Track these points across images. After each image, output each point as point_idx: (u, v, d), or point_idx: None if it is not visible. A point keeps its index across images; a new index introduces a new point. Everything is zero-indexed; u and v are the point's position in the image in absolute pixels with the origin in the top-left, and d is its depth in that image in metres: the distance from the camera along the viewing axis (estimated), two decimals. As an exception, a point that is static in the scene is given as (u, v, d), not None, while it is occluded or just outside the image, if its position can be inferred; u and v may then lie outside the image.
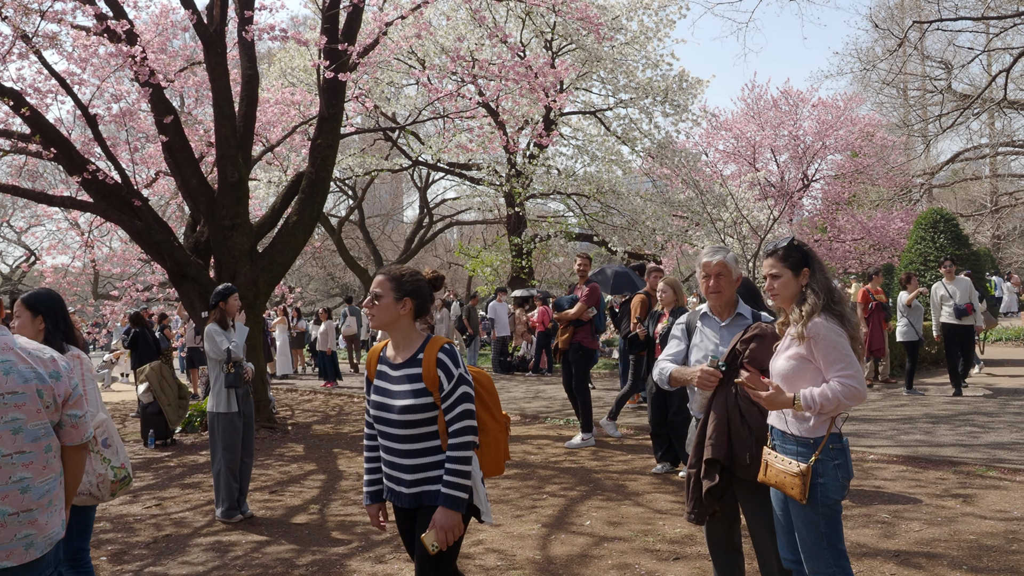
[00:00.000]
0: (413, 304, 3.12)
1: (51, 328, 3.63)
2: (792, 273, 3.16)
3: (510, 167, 17.88)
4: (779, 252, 3.21)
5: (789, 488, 3.00)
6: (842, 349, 3.01)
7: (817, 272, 3.17)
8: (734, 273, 3.68)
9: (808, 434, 3.05)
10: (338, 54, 10.04)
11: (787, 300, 3.18)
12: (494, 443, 3.26)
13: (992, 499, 5.67)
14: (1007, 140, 27.40)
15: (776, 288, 3.18)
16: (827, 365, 3.03)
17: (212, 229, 10.39)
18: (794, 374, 3.09)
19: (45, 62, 9.90)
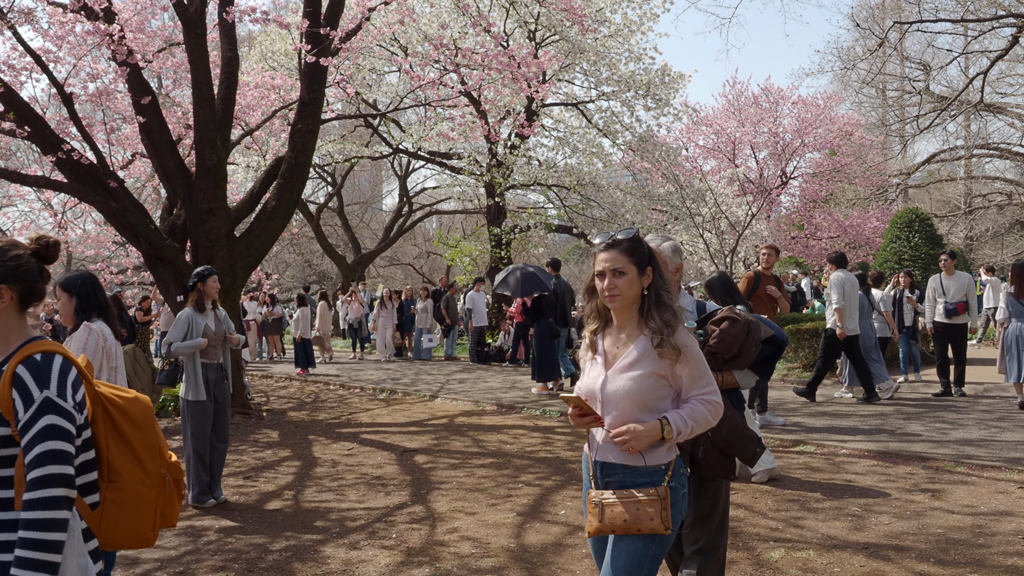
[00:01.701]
0: (14, 292, 2.18)
1: (79, 305, 4.21)
2: (637, 271, 2.66)
3: (491, 157, 17.85)
4: (624, 244, 2.69)
5: (646, 522, 2.53)
6: (704, 364, 2.68)
7: (661, 273, 2.75)
8: (672, 263, 3.35)
9: (660, 460, 2.64)
10: (320, 38, 9.95)
11: (628, 304, 2.67)
12: (132, 503, 2.30)
13: (960, 494, 5.76)
14: (982, 142, 27.76)
15: (618, 288, 2.64)
16: (692, 382, 2.65)
17: (189, 212, 10.28)
18: (648, 397, 2.62)
19: (20, 38, 9.72)
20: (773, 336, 3.34)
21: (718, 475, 3.21)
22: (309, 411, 11.14)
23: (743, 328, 3.18)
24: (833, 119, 23.79)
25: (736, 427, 3.19)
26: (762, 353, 3.32)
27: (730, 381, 3.27)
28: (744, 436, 3.20)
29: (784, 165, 23.38)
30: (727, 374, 3.24)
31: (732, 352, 3.18)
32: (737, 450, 3.20)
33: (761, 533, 5.02)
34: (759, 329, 3.27)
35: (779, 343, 3.38)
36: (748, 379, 3.36)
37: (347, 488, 6.65)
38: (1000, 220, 29.74)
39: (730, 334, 3.19)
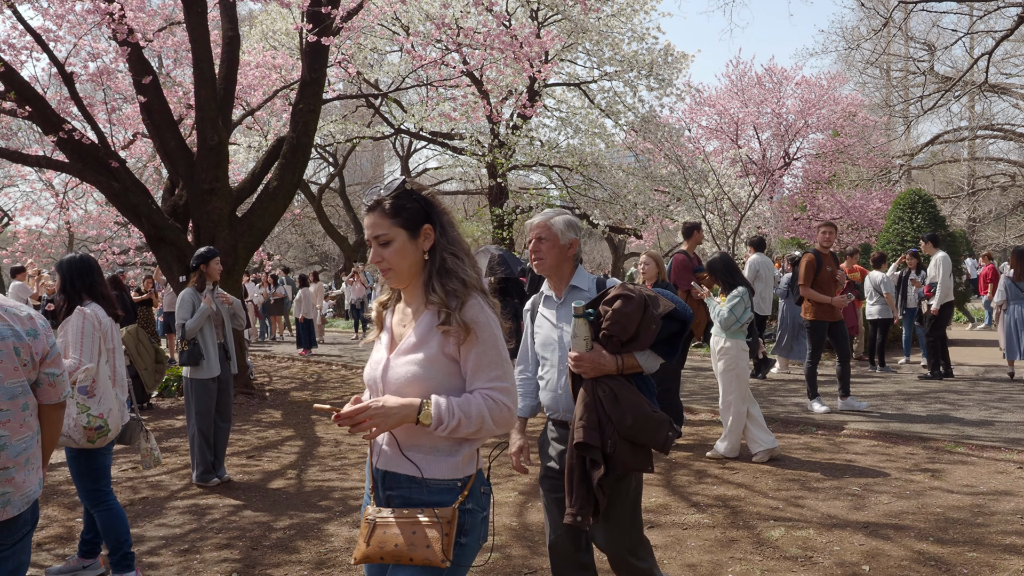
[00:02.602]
0: None
1: (62, 287, 4.24)
2: (407, 234, 2.18)
3: (493, 137, 17.78)
4: (385, 205, 2.21)
5: (420, 549, 2.05)
6: (502, 349, 2.17)
7: (448, 230, 2.24)
8: (563, 237, 3.12)
9: (452, 473, 2.14)
10: (321, 17, 9.89)
11: (406, 275, 2.21)
12: None
13: (959, 474, 5.79)
14: (986, 123, 27.64)
15: (386, 259, 2.19)
16: (478, 369, 2.13)
17: (191, 193, 10.27)
18: (440, 385, 2.14)
19: (20, 17, 9.67)
20: (674, 311, 2.96)
21: (632, 468, 2.90)
22: (312, 391, 11.18)
23: (638, 305, 2.85)
24: (837, 100, 23.63)
25: (643, 413, 2.86)
26: (664, 331, 2.95)
27: (632, 364, 2.93)
28: (653, 421, 2.86)
29: (787, 146, 23.25)
30: (627, 357, 2.91)
31: (628, 333, 2.85)
32: (646, 436, 2.86)
33: (762, 512, 5.05)
34: (657, 304, 2.93)
35: (682, 319, 3.00)
36: (652, 362, 2.99)
37: (350, 467, 6.69)
38: (1003, 202, 29.64)
39: (623, 313, 2.85)
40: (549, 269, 3.16)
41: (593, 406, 2.89)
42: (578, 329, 2.90)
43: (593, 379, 2.92)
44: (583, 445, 2.89)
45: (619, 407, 2.85)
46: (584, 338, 2.90)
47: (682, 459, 6.57)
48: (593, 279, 3.18)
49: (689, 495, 5.50)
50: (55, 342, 2.78)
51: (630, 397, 2.88)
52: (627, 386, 2.91)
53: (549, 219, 3.14)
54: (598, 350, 2.90)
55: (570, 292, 3.16)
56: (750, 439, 6.44)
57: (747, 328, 6.58)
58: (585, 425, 2.87)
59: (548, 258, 3.14)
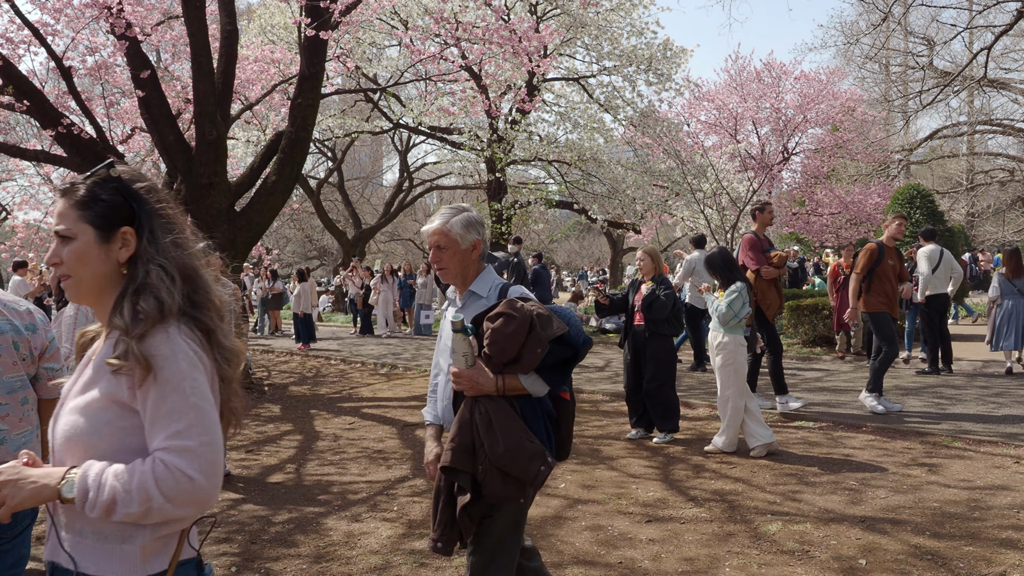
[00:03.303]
0: None
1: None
2: (96, 234, 1.67)
3: (492, 132, 17.77)
4: (78, 191, 1.69)
5: None
6: (191, 393, 1.57)
7: (159, 237, 1.69)
8: (464, 241, 2.89)
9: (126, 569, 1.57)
10: (320, 11, 9.87)
11: (84, 288, 1.70)
12: None
13: (956, 469, 5.81)
14: (985, 118, 27.63)
15: (63, 261, 1.68)
16: (155, 421, 1.56)
17: (189, 187, 10.26)
18: (106, 442, 1.59)
19: (18, 11, 9.64)
20: (567, 335, 2.70)
21: (502, 499, 2.66)
22: (310, 386, 11.20)
23: (521, 326, 2.60)
24: (835, 95, 23.64)
25: (516, 442, 2.62)
26: (553, 356, 2.68)
27: (515, 387, 2.69)
28: (525, 452, 2.60)
29: (786, 141, 23.26)
30: (511, 378, 2.68)
31: (509, 355, 2.62)
32: (517, 468, 2.60)
33: (759, 507, 5.07)
34: (548, 325, 2.64)
35: (573, 345, 2.74)
36: (539, 386, 2.73)
37: (348, 461, 6.70)
38: (1002, 197, 29.68)
39: (503, 334, 2.61)
40: (454, 278, 2.96)
41: (468, 427, 2.69)
42: (456, 344, 2.71)
43: (473, 398, 2.71)
44: (449, 470, 2.70)
45: (492, 432, 2.63)
46: (463, 354, 2.71)
47: (680, 453, 6.59)
48: (497, 285, 2.93)
49: (687, 489, 5.52)
50: (54, 337, 2.79)
51: (506, 423, 2.64)
52: (506, 410, 2.67)
53: (447, 223, 2.89)
54: (479, 368, 2.69)
55: (468, 298, 2.94)
56: (748, 434, 6.46)
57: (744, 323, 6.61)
58: (455, 447, 2.68)
59: (451, 267, 2.92)
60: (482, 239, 2.95)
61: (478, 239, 2.93)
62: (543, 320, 2.64)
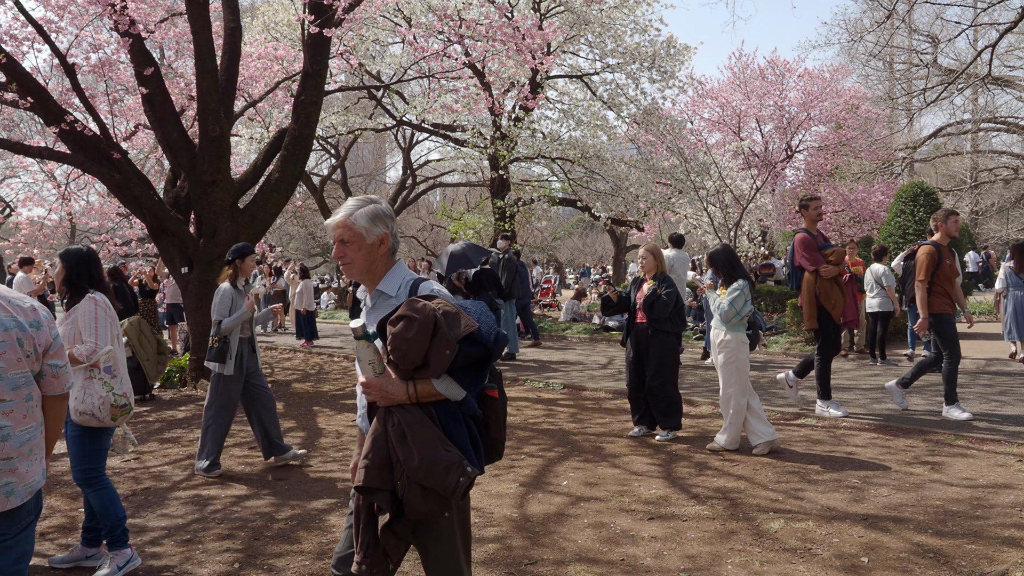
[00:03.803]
0: None
1: (67, 277, 4.39)
2: None
3: (495, 129, 17.77)
4: None
5: None
6: None
7: None
8: (370, 235, 2.69)
9: None
10: (323, 9, 9.88)
11: None
12: None
13: (959, 467, 5.81)
14: (989, 116, 27.52)
15: None
16: None
17: (193, 184, 10.28)
18: None
19: (22, 8, 9.67)
20: (476, 333, 2.51)
21: (424, 515, 2.49)
22: (313, 383, 11.21)
23: (424, 328, 2.42)
24: (839, 92, 23.60)
25: (431, 453, 2.44)
26: (465, 357, 2.48)
27: (429, 392, 2.51)
28: (441, 463, 2.43)
29: (789, 138, 23.23)
30: (423, 384, 2.50)
31: (414, 361, 2.44)
32: (433, 480, 2.43)
33: (761, 504, 5.07)
34: (455, 324, 2.46)
35: (485, 344, 2.53)
36: (454, 389, 2.53)
37: (351, 458, 6.70)
38: (1006, 195, 29.62)
39: (404, 339, 2.42)
40: (360, 275, 2.75)
41: (383, 441, 2.50)
42: (360, 352, 2.54)
43: (386, 408, 2.53)
44: (365, 489, 2.50)
45: (406, 445, 2.45)
46: (369, 362, 2.53)
47: (682, 451, 6.60)
48: (408, 282, 2.72)
49: (689, 487, 5.53)
50: (58, 334, 2.79)
51: (420, 433, 2.47)
52: (420, 419, 2.49)
53: (350, 215, 2.70)
54: (388, 376, 2.52)
55: (377, 299, 2.74)
56: (750, 431, 6.46)
57: (747, 321, 6.60)
58: (369, 464, 2.48)
59: (356, 262, 2.71)
60: (390, 233, 2.75)
61: (385, 233, 2.73)
62: (449, 319, 2.46)
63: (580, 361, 12.54)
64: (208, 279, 10.12)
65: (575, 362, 12.43)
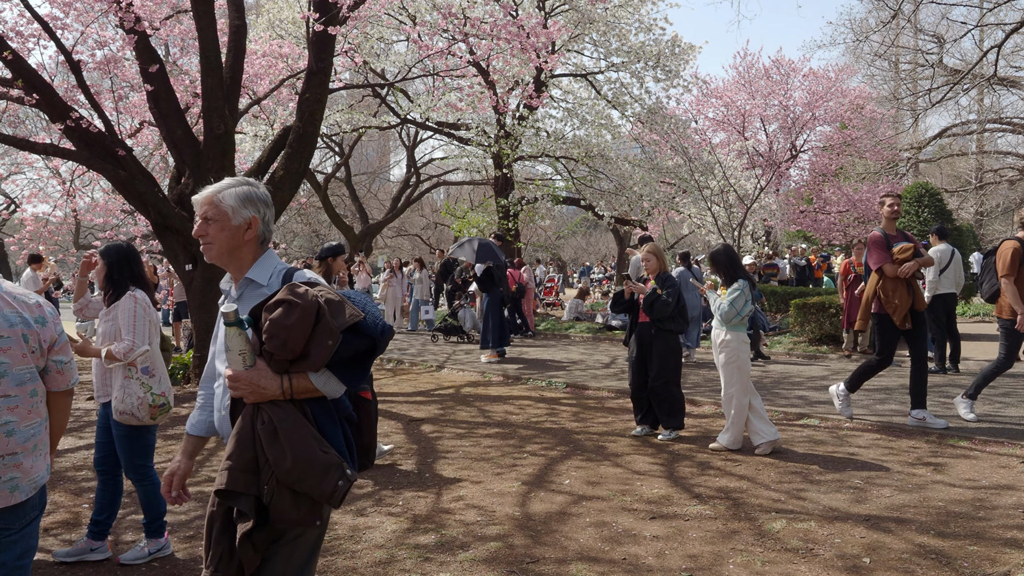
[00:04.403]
0: None
1: (108, 273, 4.45)
2: None
3: (499, 128, 17.77)
4: None
5: None
6: None
7: None
8: (236, 216, 2.50)
9: None
10: (328, 6, 9.88)
11: None
12: None
13: (962, 468, 5.80)
14: (995, 116, 27.48)
15: None
16: None
17: (197, 181, 10.28)
18: None
19: (28, 5, 9.67)
20: (362, 323, 2.32)
21: (295, 523, 2.26)
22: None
23: (305, 315, 2.21)
24: (844, 92, 23.57)
25: (306, 454, 2.22)
26: (349, 348, 2.29)
27: (305, 388, 2.30)
28: (317, 465, 2.21)
29: (794, 138, 23.19)
30: (299, 378, 2.29)
31: (293, 350, 2.22)
32: (308, 484, 2.20)
33: (763, 504, 5.07)
34: (339, 313, 2.27)
35: (371, 335, 2.33)
36: (333, 384, 2.33)
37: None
38: (1011, 195, 29.54)
39: (283, 325, 2.21)
40: (220, 256, 2.54)
41: (249, 441, 2.27)
42: (230, 341, 2.29)
43: (254, 405, 2.30)
44: (226, 493, 2.26)
45: (278, 444, 2.23)
46: (240, 352, 2.29)
47: (685, 451, 6.60)
48: (280, 271, 2.55)
49: (691, 486, 5.53)
50: (63, 330, 2.81)
51: (295, 432, 2.24)
52: (294, 417, 2.27)
53: (218, 192, 2.52)
54: (260, 368, 2.29)
55: (246, 287, 2.54)
56: (752, 431, 6.46)
57: (748, 321, 6.61)
58: (233, 466, 2.25)
59: (217, 243, 2.51)
60: (260, 219, 2.55)
61: (254, 217, 2.53)
62: (333, 307, 2.27)
63: (583, 360, 12.55)
64: (212, 276, 10.13)
65: (578, 361, 12.44)
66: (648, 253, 7.18)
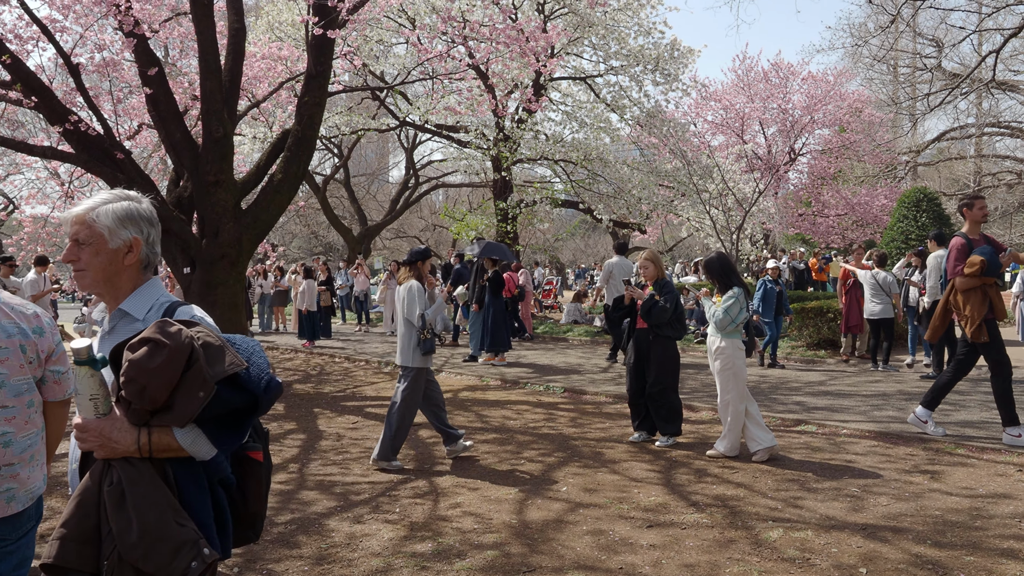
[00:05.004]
0: None
1: None
2: None
3: (498, 131, 17.79)
4: None
5: None
6: None
7: None
8: (113, 239, 2.15)
9: None
10: (327, 10, 9.88)
11: None
12: None
13: (959, 476, 5.81)
14: (993, 120, 27.51)
15: None
16: None
17: (196, 185, 10.29)
18: None
19: (27, 7, 9.67)
20: (243, 375, 1.98)
21: None
22: (314, 384, 11.23)
23: (175, 359, 1.86)
24: (843, 96, 23.62)
25: (157, 527, 1.88)
26: (223, 403, 1.94)
27: (167, 445, 1.94)
28: (167, 542, 1.87)
29: (793, 141, 23.22)
30: (160, 433, 1.94)
31: (154, 400, 1.88)
32: (153, 563, 1.86)
33: (760, 513, 5.07)
34: (218, 359, 1.93)
35: (252, 391, 2.00)
36: (201, 444, 1.97)
37: (351, 462, 6.72)
38: (1009, 199, 29.54)
39: (146, 369, 1.85)
40: (95, 286, 2.18)
41: (93, 505, 1.93)
42: (81, 383, 1.96)
43: (104, 461, 1.96)
44: (53, 569, 1.91)
45: (124, 512, 1.88)
46: (91, 397, 1.96)
47: (682, 457, 6.60)
48: (162, 304, 2.18)
49: (688, 494, 5.53)
50: (60, 340, 2.81)
51: (147, 498, 1.90)
52: (150, 480, 1.92)
53: (92, 210, 2.15)
54: (114, 418, 1.95)
55: (119, 320, 2.17)
56: (749, 438, 6.46)
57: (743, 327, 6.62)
58: (66, 535, 1.91)
59: (92, 270, 2.16)
60: (144, 240, 2.19)
61: (136, 239, 2.17)
62: (210, 352, 1.93)
63: (581, 364, 12.55)
64: (210, 280, 10.13)
65: (576, 365, 12.44)
66: (646, 260, 7.19)
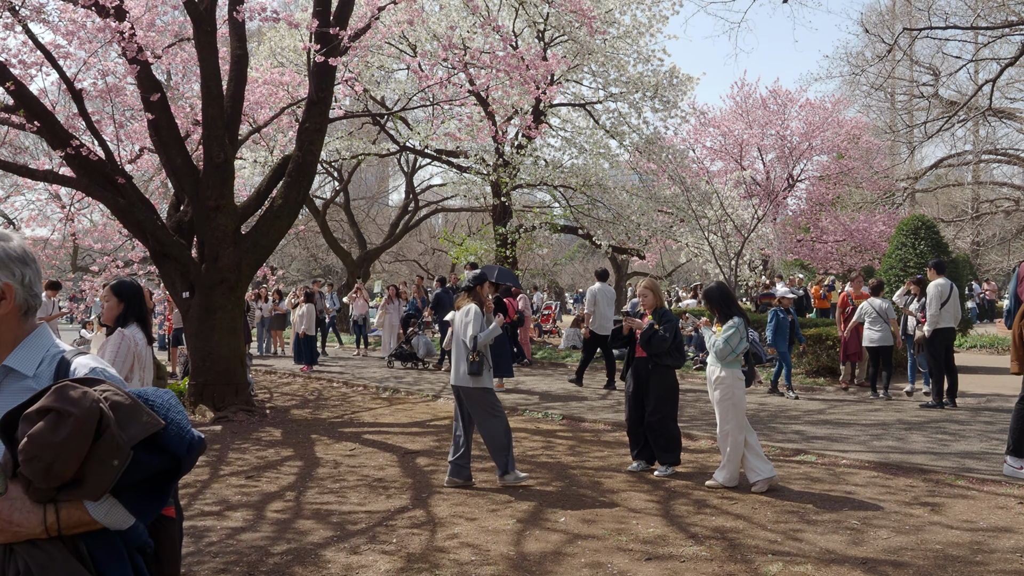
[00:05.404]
0: None
1: (125, 312, 4.56)
2: None
3: (498, 156, 17.87)
4: None
5: None
6: None
7: None
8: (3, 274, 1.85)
9: None
10: (329, 38, 9.97)
11: None
12: None
13: (959, 508, 5.77)
14: (990, 148, 27.66)
15: None
16: None
17: (196, 210, 10.32)
18: None
19: (31, 34, 9.76)
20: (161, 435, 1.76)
21: None
22: (312, 409, 11.18)
23: (82, 428, 1.62)
24: (841, 122, 23.75)
25: None
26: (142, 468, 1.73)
27: (78, 521, 1.72)
28: None
29: (791, 168, 23.31)
30: (70, 508, 1.70)
31: (61, 476, 1.64)
32: None
33: (759, 546, 5.04)
34: (133, 421, 1.71)
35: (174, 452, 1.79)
36: (117, 514, 1.75)
37: (348, 490, 6.68)
38: (1007, 226, 29.64)
39: (49, 444, 1.61)
40: None
41: None
42: None
43: (7, 547, 1.71)
44: None
45: None
46: None
47: (681, 487, 6.56)
48: (53, 355, 1.89)
49: (688, 526, 5.49)
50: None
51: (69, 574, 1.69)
52: (63, 561, 1.70)
53: None
54: (12, 497, 1.68)
55: (4, 378, 1.86)
56: (748, 468, 6.43)
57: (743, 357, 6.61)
58: None
59: None
60: (18, 284, 1.86)
61: (7, 285, 1.84)
62: (122, 414, 1.70)
63: (579, 391, 12.51)
64: (209, 304, 10.13)
65: (574, 392, 12.40)
66: (645, 288, 7.19)
